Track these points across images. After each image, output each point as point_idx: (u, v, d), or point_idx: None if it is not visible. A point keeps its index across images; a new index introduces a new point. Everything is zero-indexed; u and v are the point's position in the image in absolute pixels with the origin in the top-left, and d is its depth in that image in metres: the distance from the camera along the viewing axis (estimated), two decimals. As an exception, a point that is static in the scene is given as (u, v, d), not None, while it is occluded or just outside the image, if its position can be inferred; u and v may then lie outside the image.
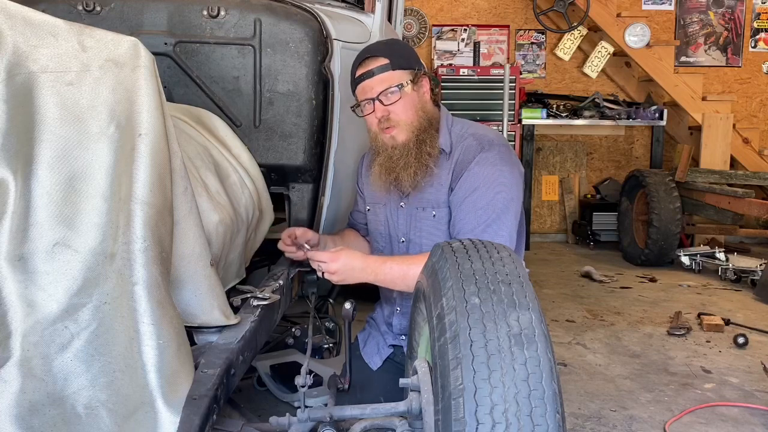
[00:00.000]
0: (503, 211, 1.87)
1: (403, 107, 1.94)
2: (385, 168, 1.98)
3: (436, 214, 1.99)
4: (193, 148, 1.79)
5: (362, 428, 1.29)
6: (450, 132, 2.02)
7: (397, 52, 1.98)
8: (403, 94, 1.94)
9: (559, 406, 1.07)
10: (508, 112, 5.75)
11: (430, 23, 6.76)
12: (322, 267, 1.87)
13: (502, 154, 1.94)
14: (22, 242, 1.11)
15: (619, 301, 4.56)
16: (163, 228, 1.23)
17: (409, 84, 1.95)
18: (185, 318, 1.38)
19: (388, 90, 1.94)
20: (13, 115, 1.13)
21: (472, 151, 1.94)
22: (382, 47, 2.01)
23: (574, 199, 6.82)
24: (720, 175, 5.66)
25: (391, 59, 1.95)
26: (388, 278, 1.89)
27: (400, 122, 1.95)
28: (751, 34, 6.78)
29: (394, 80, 1.94)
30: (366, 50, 2.01)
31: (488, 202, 1.87)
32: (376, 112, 1.96)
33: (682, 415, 2.76)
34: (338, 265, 1.85)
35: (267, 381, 2.65)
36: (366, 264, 1.87)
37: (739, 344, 3.62)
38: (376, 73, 1.94)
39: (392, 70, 1.94)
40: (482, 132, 2.02)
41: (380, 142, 2.00)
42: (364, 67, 1.97)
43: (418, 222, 2.02)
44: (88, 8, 2.06)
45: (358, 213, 2.29)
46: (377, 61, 1.95)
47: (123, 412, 1.12)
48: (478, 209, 1.87)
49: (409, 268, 1.85)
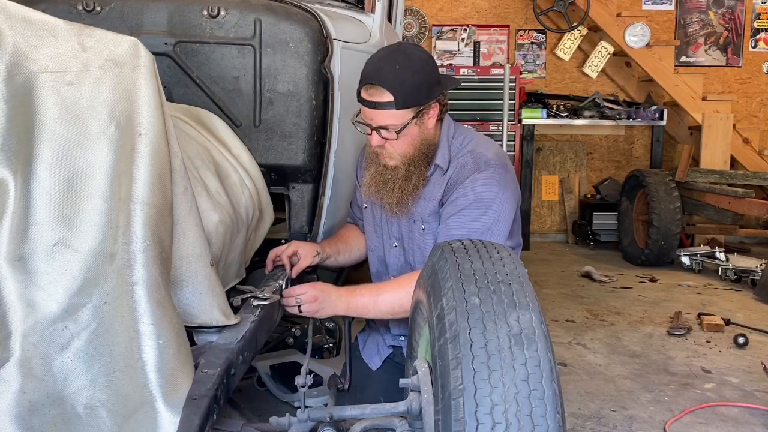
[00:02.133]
0: (486, 230, 1.84)
1: (400, 144, 1.91)
2: (374, 183, 1.98)
3: (425, 228, 1.98)
4: (193, 148, 1.78)
5: (362, 428, 1.29)
6: (449, 146, 1.99)
7: (406, 87, 1.83)
8: (403, 134, 1.88)
9: (559, 406, 1.07)
10: (508, 112, 5.75)
11: (430, 23, 6.76)
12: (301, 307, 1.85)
13: (496, 174, 1.90)
14: (22, 242, 1.11)
15: (619, 301, 4.56)
16: (163, 228, 1.23)
17: (412, 121, 1.88)
18: (185, 318, 1.38)
19: (388, 127, 1.88)
20: (13, 115, 1.13)
21: (467, 170, 1.91)
22: (390, 78, 1.83)
23: (574, 199, 6.82)
24: (720, 175, 5.66)
25: (397, 96, 1.83)
26: (361, 310, 1.90)
27: (393, 154, 1.93)
28: (751, 34, 6.77)
29: (397, 120, 1.86)
30: (374, 73, 1.86)
31: (473, 221, 1.85)
32: (372, 139, 1.92)
33: (682, 415, 2.76)
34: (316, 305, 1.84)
35: (267, 381, 2.65)
36: (339, 294, 1.87)
37: (739, 344, 3.62)
38: (379, 108, 1.85)
39: (396, 109, 1.84)
40: (481, 149, 1.96)
41: (374, 155, 1.98)
42: (369, 94, 1.87)
43: (411, 233, 2.02)
44: (88, 8, 2.06)
45: (357, 206, 2.27)
46: (382, 95, 1.84)
47: (123, 412, 1.12)
48: (462, 228, 1.85)
49: (378, 296, 1.87)
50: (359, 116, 1.94)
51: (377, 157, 1.97)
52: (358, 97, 1.92)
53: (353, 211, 2.30)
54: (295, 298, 1.84)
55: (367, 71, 1.88)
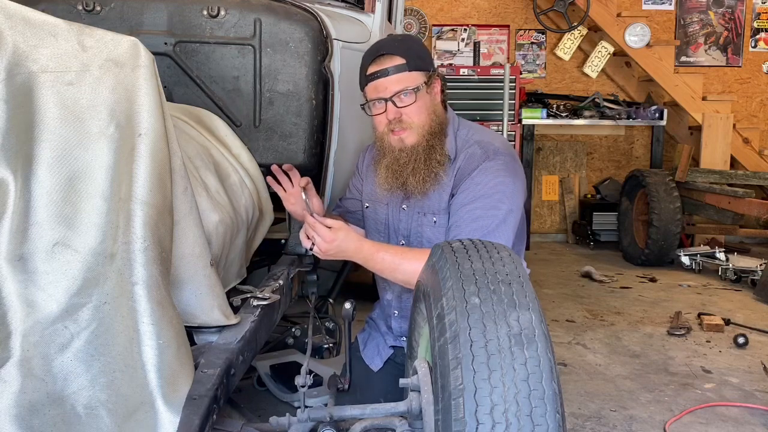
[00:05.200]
0: (501, 222, 1.83)
1: (417, 110, 1.88)
2: (392, 171, 1.93)
3: (437, 221, 1.96)
4: (193, 148, 1.78)
5: (362, 428, 1.29)
6: (456, 136, 1.97)
7: (414, 52, 1.89)
8: (418, 97, 1.87)
9: (559, 406, 1.07)
10: (508, 112, 5.75)
11: (430, 23, 6.76)
12: (315, 240, 1.81)
13: (506, 163, 1.90)
14: (22, 242, 1.11)
15: (619, 301, 4.56)
16: (163, 228, 1.23)
17: (424, 86, 1.88)
18: (185, 318, 1.38)
19: (402, 91, 1.86)
20: (13, 115, 1.13)
21: (476, 159, 1.90)
22: (398, 45, 1.89)
23: (574, 199, 6.82)
24: (720, 175, 5.66)
25: (408, 59, 1.86)
26: (378, 267, 1.86)
27: (412, 125, 1.89)
28: (751, 34, 6.77)
29: (411, 82, 1.86)
30: (380, 46, 1.91)
31: (487, 211, 1.84)
32: (388, 113, 1.89)
33: (682, 415, 2.76)
34: (331, 246, 1.80)
35: (267, 381, 2.65)
36: (360, 247, 1.83)
37: (739, 344, 3.62)
38: (391, 73, 1.86)
39: (408, 71, 1.86)
40: (488, 139, 1.97)
41: (387, 144, 1.93)
42: (377, 65, 1.88)
43: (419, 227, 1.99)
44: (88, 8, 2.06)
45: (351, 200, 2.22)
46: (393, 60, 1.86)
47: (123, 412, 1.12)
48: (476, 218, 1.83)
49: (402, 261, 1.82)
50: (367, 103, 1.94)
51: (390, 145, 1.92)
52: (363, 82, 1.92)
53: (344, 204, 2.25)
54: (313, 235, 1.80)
55: (369, 52, 1.92)
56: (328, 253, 1.82)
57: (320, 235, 1.80)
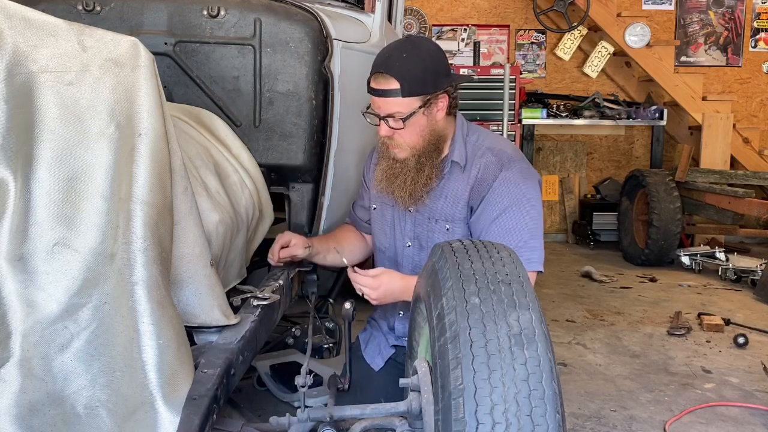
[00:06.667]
0: (534, 230, 1.88)
1: (408, 133, 1.90)
2: (386, 177, 1.98)
3: (450, 228, 1.97)
4: (193, 148, 1.78)
5: (362, 428, 1.29)
6: (465, 143, 1.98)
7: (413, 75, 1.84)
8: (410, 123, 1.87)
9: (559, 406, 1.07)
10: (508, 112, 5.75)
11: (430, 23, 6.76)
12: (364, 291, 1.88)
13: (522, 170, 1.93)
14: (22, 242, 1.11)
15: (619, 301, 4.56)
16: (163, 228, 1.23)
17: (420, 110, 1.87)
18: (185, 318, 1.38)
19: (394, 115, 1.87)
20: (13, 115, 1.13)
21: (492, 168, 1.91)
22: (399, 65, 1.84)
23: (574, 199, 6.82)
24: (720, 175, 5.66)
25: (404, 83, 1.83)
26: None
27: (402, 145, 1.92)
28: (751, 33, 6.77)
29: (404, 108, 1.86)
30: (382, 62, 1.88)
31: (517, 222, 1.86)
32: (381, 129, 1.92)
33: (682, 415, 2.76)
34: (379, 293, 1.87)
35: (267, 381, 2.65)
36: (407, 284, 1.85)
37: (739, 344, 3.62)
38: (385, 95, 1.86)
39: (402, 96, 1.84)
40: (499, 146, 1.98)
41: (385, 148, 1.97)
42: (376, 82, 1.88)
43: (430, 233, 2.01)
44: (88, 8, 2.06)
45: (362, 209, 2.25)
46: (389, 83, 1.85)
47: (123, 412, 1.12)
48: (508, 230, 1.86)
49: None
50: (369, 108, 1.95)
51: (387, 150, 1.96)
52: (368, 88, 1.93)
53: (355, 212, 2.29)
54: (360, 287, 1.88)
55: (376, 61, 1.91)
56: (380, 299, 1.89)
57: (366, 285, 1.87)
